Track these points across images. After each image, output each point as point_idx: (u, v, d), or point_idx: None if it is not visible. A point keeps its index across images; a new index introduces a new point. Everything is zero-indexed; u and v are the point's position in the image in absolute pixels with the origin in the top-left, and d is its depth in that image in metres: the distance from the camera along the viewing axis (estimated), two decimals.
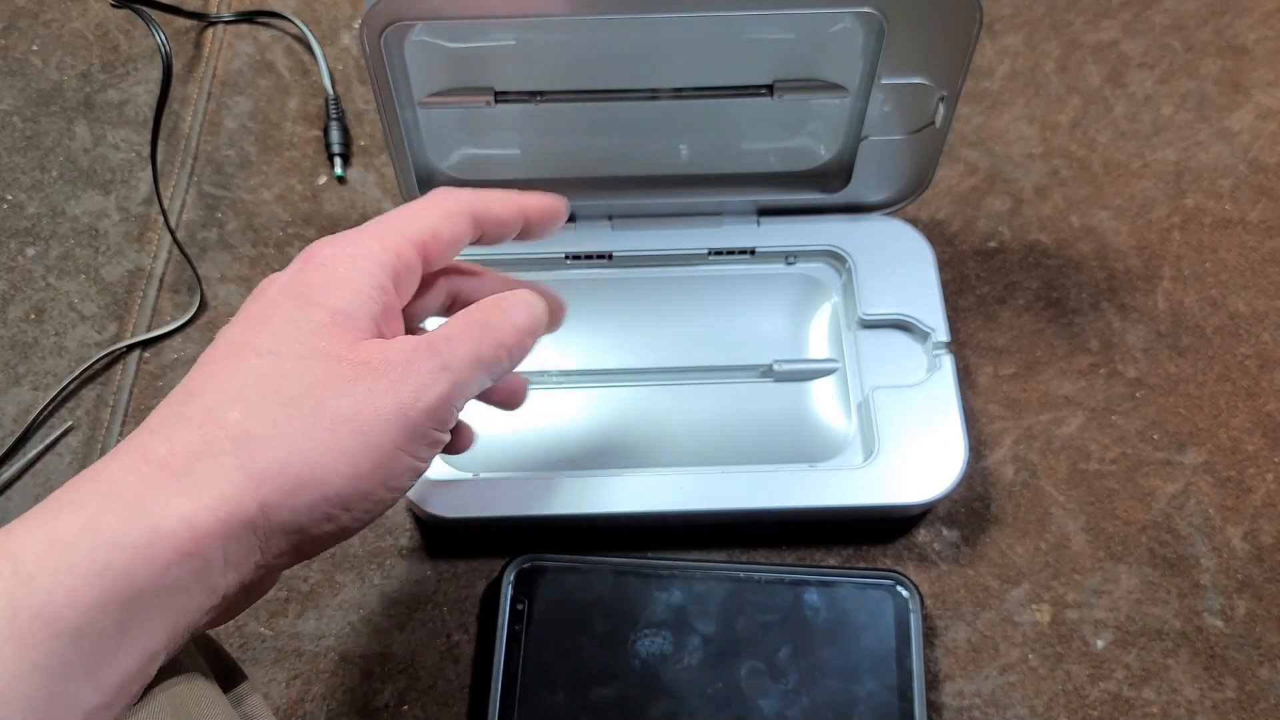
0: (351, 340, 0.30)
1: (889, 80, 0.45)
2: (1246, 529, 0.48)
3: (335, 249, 0.32)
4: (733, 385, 0.51)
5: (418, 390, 0.30)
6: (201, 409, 0.28)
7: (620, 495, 0.45)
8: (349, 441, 0.29)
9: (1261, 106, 0.58)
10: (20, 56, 0.60)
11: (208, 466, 0.27)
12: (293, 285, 0.31)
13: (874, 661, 0.43)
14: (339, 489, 0.29)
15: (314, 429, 0.28)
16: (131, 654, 0.25)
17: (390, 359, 0.30)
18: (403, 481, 0.30)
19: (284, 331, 0.30)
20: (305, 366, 0.29)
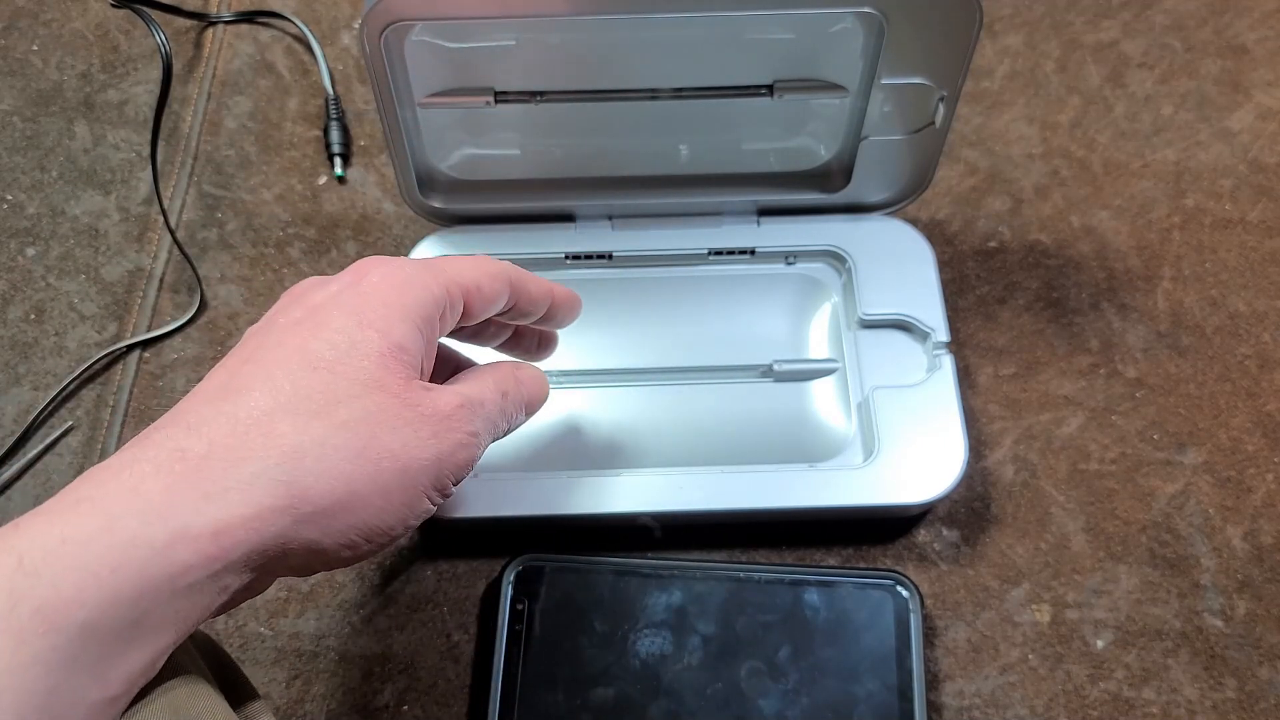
0: (405, 377, 0.31)
1: (889, 80, 0.45)
2: (1246, 529, 0.48)
3: (390, 270, 0.32)
4: (733, 385, 0.51)
5: (455, 447, 0.32)
6: (249, 412, 0.28)
7: (620, 495, 0.45)
8: (389, 479, 0.30)
9: (1261, 106, 0.58)
10: (20, 56, 0.60)
11: (250, 475, 0.27)
12: (348, 299, 0.31)
13: (874, 661, 0.43)
14: (369, 519, 0.29)
15: (362, 459, 0.29)
16: (140, 652, 0.25)
17: (438, 410, 0.31)
18: (417, 521, 0.32)
19: (341, 348, 0.30)
20: (360, 394, 0.30)
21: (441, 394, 0.32)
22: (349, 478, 0.29)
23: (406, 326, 0.31)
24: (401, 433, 0.30)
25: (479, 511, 0.45)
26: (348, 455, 0.29)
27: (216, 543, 0.26)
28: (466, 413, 0.32)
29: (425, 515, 0.32)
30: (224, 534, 0.26)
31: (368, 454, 0.29)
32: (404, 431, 0.30)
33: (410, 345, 0.31)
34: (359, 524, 0.29)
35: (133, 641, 0.25)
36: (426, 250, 0.50)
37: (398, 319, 0.31)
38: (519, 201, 0.51)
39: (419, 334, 0.32)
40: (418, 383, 0.31)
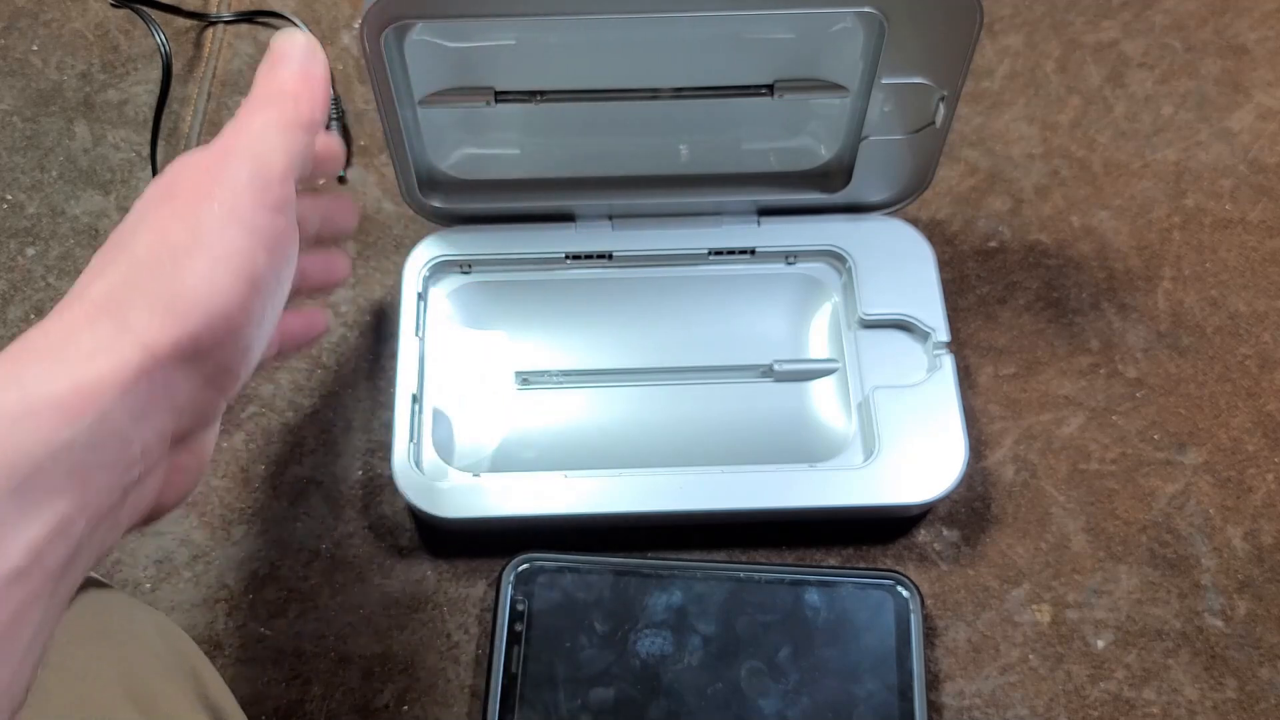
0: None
1: (889, 80, 0.45)
2: (1246, 529, 0.48)
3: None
4: (733, 385, 0.51)
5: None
6: (106, 276, 0.29)
7: (620, 495, 0.45)
8: (198, 256, 0.30)
9: (1261, 106, 0.58)
10: (20, 56, 0.60)
11: (106, 331, 0.28)
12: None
13: (874, 661, 0.43)
14: (213, 305, 0.29)
15: (167, 241, 0.30)
16: (36, 521, 0.25)
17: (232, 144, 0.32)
18: (268, 279, 0.31)
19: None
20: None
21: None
22: (169, 277, 0.29)
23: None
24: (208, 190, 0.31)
25: (479, 511, 0.45)
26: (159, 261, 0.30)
27: (77, 397, 0.26)
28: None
29: (269, 247, 0.31)
30: (83, 389, 0.26)
31: (183, 244, 0.30)
32: (210, 185, 0.31)
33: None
34: (199, 300, 0.29)
35: (24, 510, 0.25)
36: (427, 250, 0.50)
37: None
38: (519, 201, 0.51)
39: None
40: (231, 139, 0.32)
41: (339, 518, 0.48)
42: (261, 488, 0.49)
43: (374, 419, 0.50)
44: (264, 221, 0.31)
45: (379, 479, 0.49)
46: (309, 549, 0.48)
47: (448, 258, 0.50)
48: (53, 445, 0.25)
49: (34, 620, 0.26)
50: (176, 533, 0.48)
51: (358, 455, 0.50)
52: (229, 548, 0.48)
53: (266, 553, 0.48)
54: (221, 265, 0.30)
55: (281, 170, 0.32)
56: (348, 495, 0.49)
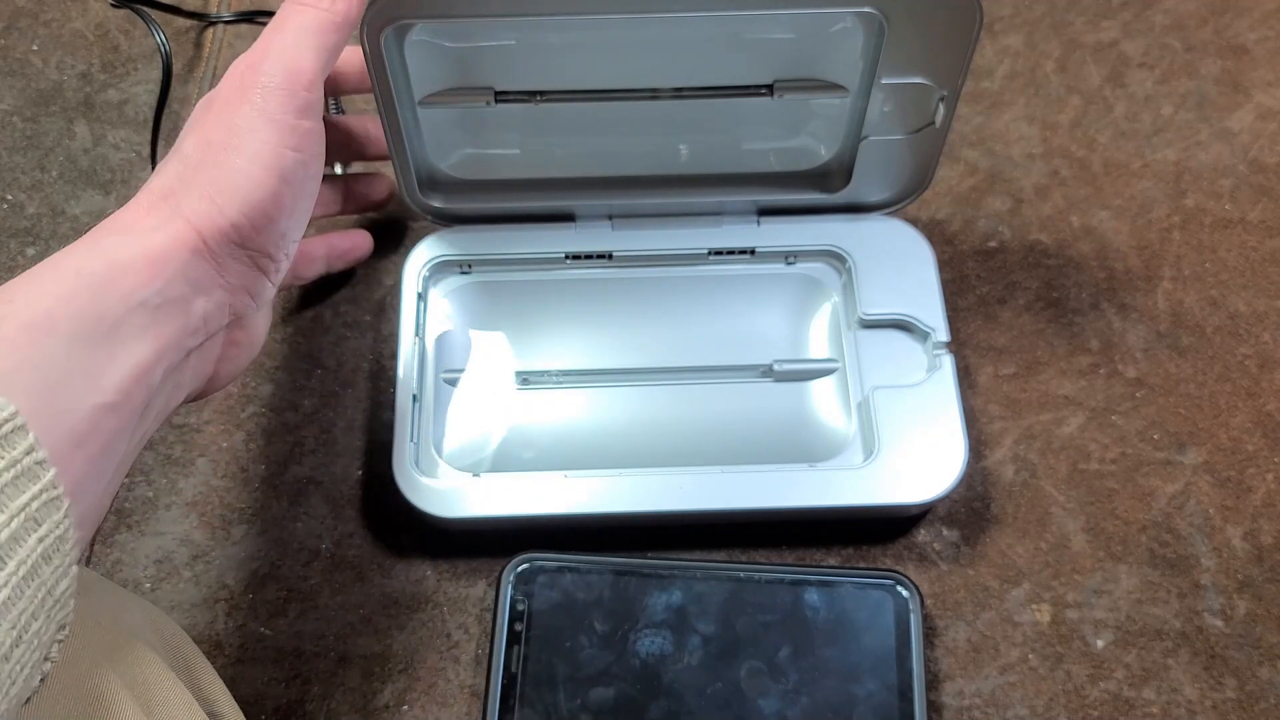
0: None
1: (889, 80, 0.45)
2: (1246, 529, 0.48)
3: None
4: (733, 385, 0.51)
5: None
6: (170, 166, 0.36)
7: (620, 495, 0.45)
8: (236, 153, 0.35)
9: (1261, 106, 0.58)
10: (20, 56, 0.60)
11: (168, 211, 0.34)
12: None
13: (874, 661, 0.43)
14: (250, 195, 0.35)
15: (211, 141, 0.35)
16: (123, 363, 0.31)
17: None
18: (296, 174, 0.36)
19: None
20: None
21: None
22: (215, 173, 0.35)
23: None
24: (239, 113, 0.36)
25: (479, 511, 0.45)
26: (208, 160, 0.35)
27: (147, 262, 0.32)
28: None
29: (298, 156, 0.36)
30: (151, 253, 0.32)
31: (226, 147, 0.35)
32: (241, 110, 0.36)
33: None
34: (240, 186, 0.35)
35: (114, 352, 0.31)
36: (427, 250, 0.50)
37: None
38: (519, 201, 0.51)
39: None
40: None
41: (339, 518, 0.48)
42: (261, 488, 0.49)
43: (374, 419, 0.50)
44: (291, 122, 0.36)
45: (379, 479, 0.49)
46: (309, 549, 0.48)
47: (448, 258, 0.51)
48: (131, 302, 0.31)
49: (120, 450, 0.31)
50: (176, 533, 0.48)
51: (358, 455, 0.50)
52: (229, 548, 0.48)
53: (266, 553, 0.48)
54: (255, 162, 0.35)
55: (310, 74, 0.36)
56: (348, 495, 0.49)
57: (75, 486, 0.28)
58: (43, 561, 0.26)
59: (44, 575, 0.26)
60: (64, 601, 0.28)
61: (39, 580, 0.26)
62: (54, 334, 0.29)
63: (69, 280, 0.31)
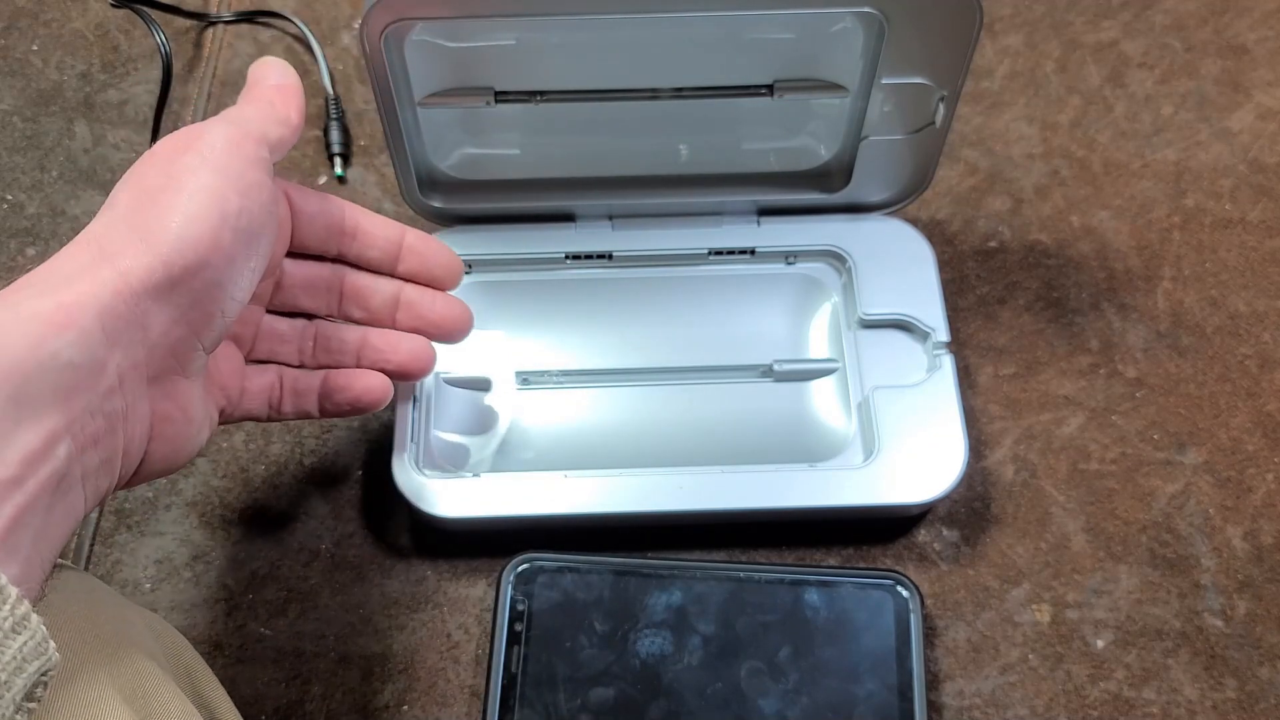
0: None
1: (889, 80, 0.45)
2: (1246, 529, 0.48)
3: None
4: (733, 385, 0.51)
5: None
6: (98, 220, 0.34)
7: (620, 495, 0.45)
8: (174, 194, 0.33)
9: (1261, 106, 0.58)
10: (20, 56, 0.60)
11: (86, 259, 0.31)
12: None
13: (874, 661, 0.43)
14: (182, 231, 0.32)
15: (145, 188, 0.33)
16: (30, 432, 0.28)
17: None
18: (239, 222, 0.33)
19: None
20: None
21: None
22: (143, 218, 0.33)
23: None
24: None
25: (479, 511, 0.45)
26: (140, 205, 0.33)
27: (60, 312, 0.29)
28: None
29: (249, 205, 0.34)
30: (63, 305, 0.29)
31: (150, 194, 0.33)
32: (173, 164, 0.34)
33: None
34: (172, 240, 0.32)
35: (18, 420, 0.27)
36: None
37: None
38: (519, 201, 0.51)
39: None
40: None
41: (339, 518, 0.48)
42: (261, 488, 0.49)
43: (374, 419, 0.50)
44: (236, 167, 0.34)
45: (379, 479, 0.49)
46: (309, 549, 0.48)
47: None
48: (40, 355, 0.28)
49: (32, 527, 0.28)
50: (176, 533, 0.48)
51: (358, 455, 0.50)
52: (229, 548, 0.48)
53: (266, 553, 0.48)
54: (194, 199, 0.32)
55: (258, 133, 0.35)
56: (348, 495, 0.49)
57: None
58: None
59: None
60: (29, 661, 0.26)
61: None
62: None
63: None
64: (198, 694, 0.35)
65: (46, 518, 0.28)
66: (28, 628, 0.26)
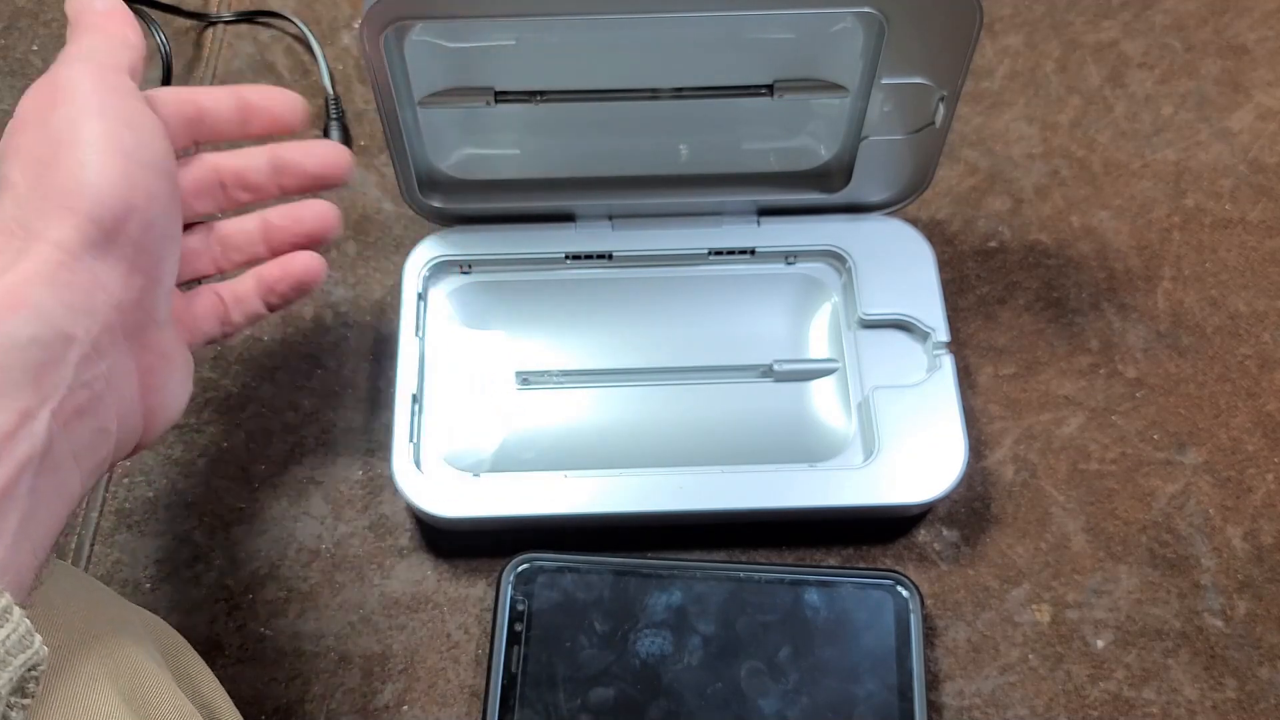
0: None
1: (889, 80, 0.45)
2: (1246, 529, 0.48)
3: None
4: (733, 385, 0.51)
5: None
6: (16, 185, 0.32)
7: (620, 495, 0.45)
8: (69, 150, 0.32)
9: (1261, 106, 0.58)
10: (20, 56, 0.60)
11: (6, 246, 0.31)
12: None
13: (874, 661, 0.43)
14: (96, 182, 0.31)
15: (35, 157, 0.32)
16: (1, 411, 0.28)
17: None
18: (143, 154, 0.33)
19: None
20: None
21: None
22: (51, 173, 0.32)
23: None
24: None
25: (479, 511, 0.45)
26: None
27: (7, 296, 0.29)
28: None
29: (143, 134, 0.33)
30: (8, 288, 0.29)
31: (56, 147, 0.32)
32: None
33: None
34: (90, 193, 0.31)
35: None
36: (427, 250, 0.50)
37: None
38: (519, 201, 0.51)
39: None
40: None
41: (339, 518, 0.48)
42: (261, 488, 0.49)
43: (374, 419, 0.50)
44: (114, 104, 0.33)
45: (379, 479, 0.49)
46: (309, 549, 0.48)
47: (448, 258, 0.51)
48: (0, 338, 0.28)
49: (15, 510, 0.28)
50: (176, 533, 0.48)
51: (358, 455, 0.50)
52: (229, 548, 0.48)
53: (266, 553, 0.48)
54: (92, 149, 0.32)
55: (114, 64, 0.34)
56: (348, 495, 0.49)
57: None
58: None
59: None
60: (16, 652, 0.26)
61: None
62: None
63: None
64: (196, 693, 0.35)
65: (32, 499, 0.28)
66: (9, 620, 0.26)
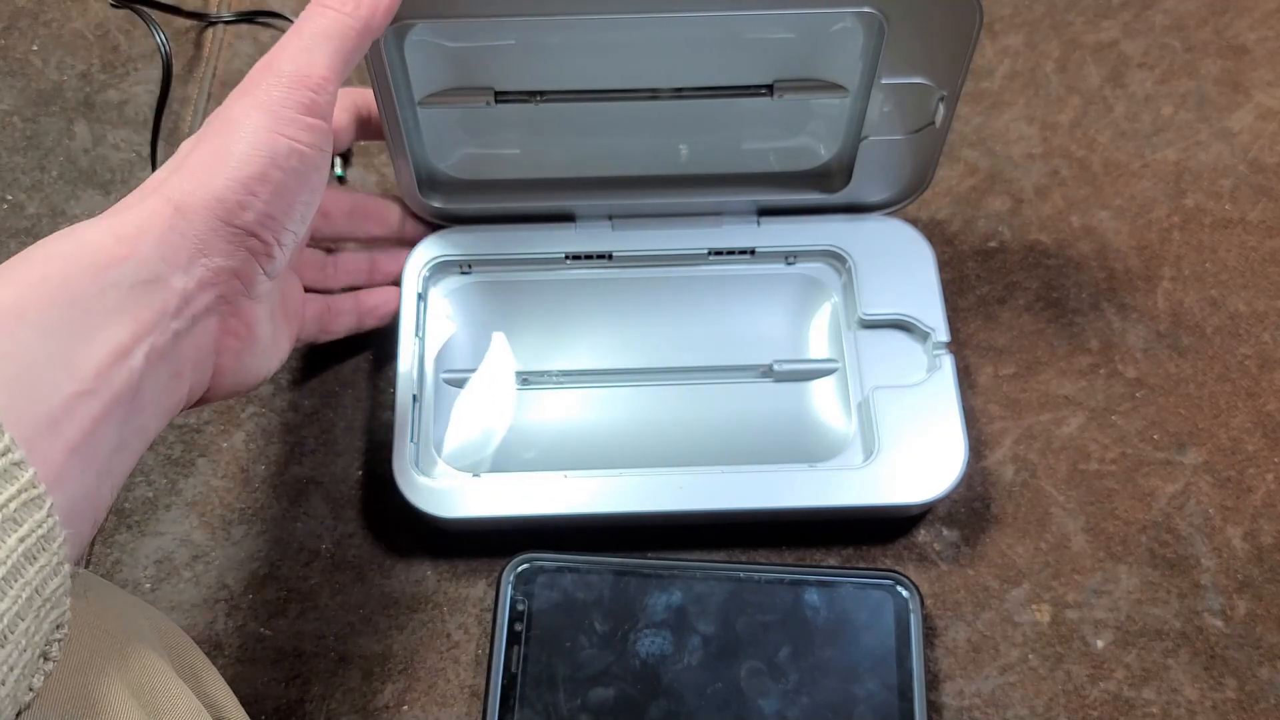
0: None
1: (889, 80, 0.45)
2: (1246, 529, 0.48)
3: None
4: (733, 385, 0.51)
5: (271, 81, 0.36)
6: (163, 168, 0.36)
7: (620, 495, 0.45)
8: (227, 138, 0.35)
9: (1261, 106, 0.58)
10: (20, 56, 0.60)
11: (139, 196, 0.34)
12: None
13: (874, 661, 0.43)
14: (234, 171, 0.34)
15: (205, 136, 0.35)
16: (99, 346, 0.30)
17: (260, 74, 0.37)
18: (289, 161, 0.35)
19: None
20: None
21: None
22: (198, 153, 0.35)
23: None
24: (230, 105, 0.36)
25: (479, 511, 0.45)
26: (197, 142, 0.36)
27: (116, 240, 0.32)
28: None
29: (294, 153, 0.36)
30: (118, 232, 0.32)
31: (209, 131, 0.36)
32: (232, 104, 0.36)
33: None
34: (230, 178, 0.34)
35: (89, 335, 0.30)
36: (427, 250, 0.50)
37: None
38: (519, 201, 0.51)
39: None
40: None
41: (339, 518, 0.48)
42: (261, 488, 0.49)
43: (374, 419, 0.50)
44: (290, 115, 0.35)
45: (379, 479, 0.49)
46: (309, 549, 0.48)
47: (448, 258, 0.51)
48: (101, 281, 0.31)
49: (108, 440, 0.30)
50: (176, 533, 0.48)
51: (358, 455, 0.50)
52: (229, 548, 0.48)
53: (266, 553, 0.48)
54: (244, 141, 0.34)
55: (320, 75, 0.36)
56: (348, 495, 0.49)
57: (57, 479, 0.28)
58: (25, 561, 0.26)
59: (28, 575, 0.26)
60: (57, 600, 0.28)
61: (23, 580, 0.26)
62: (23, 321, 0.29)
63: (39, 265, 0.30)
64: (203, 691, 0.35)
65: (121, 434, 0.31)
66: (41, 508, 0.27)
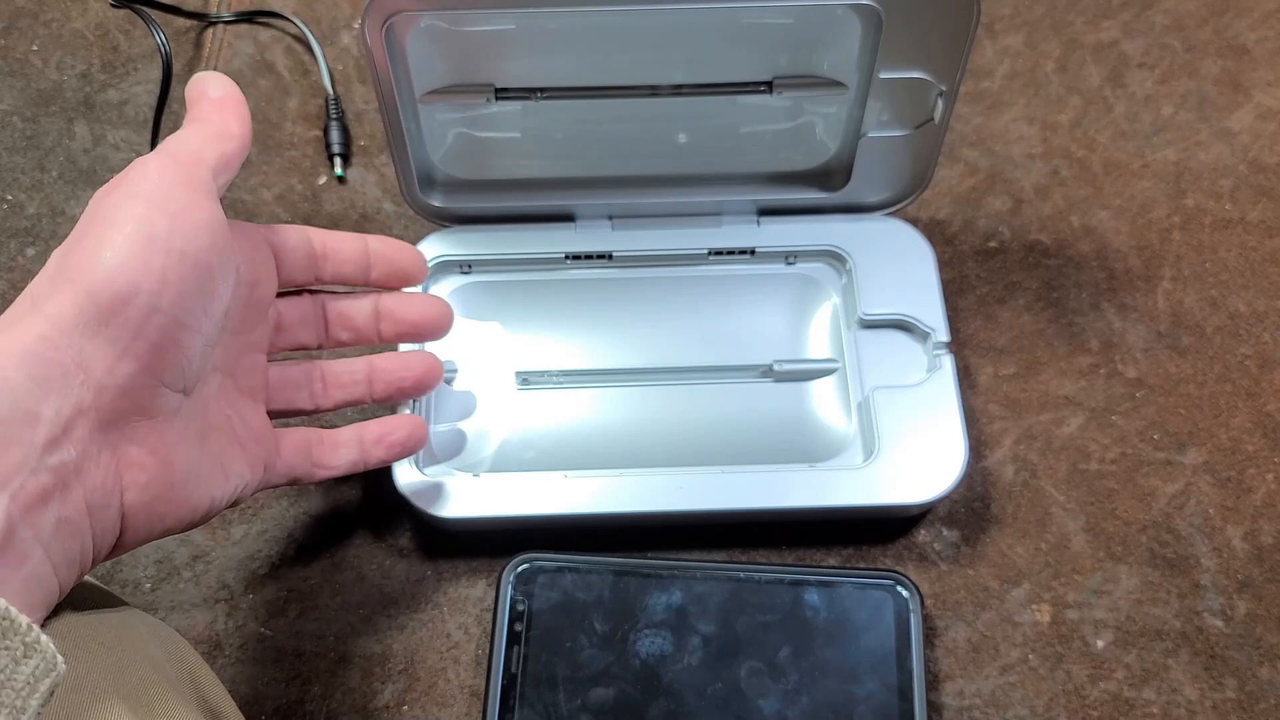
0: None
1: (887, 75, 0.45)
2: (1246, 529, 0.48)
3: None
4: (733, 385, 0.51)
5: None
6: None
7: (620, 495, 0.45)
8: (104, 228, 0.32)
9: (1261, 106, 0.58)
10: (20, 56, 0.60)
11: (12, 314, 0.30)
12: None
13: (874, 661, 0.43)
14: (109, 261, 0.31)
15: (76, 234, 0.32)
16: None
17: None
18: (175, 243, 0.32)
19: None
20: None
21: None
22: (72, 254, 0.32)
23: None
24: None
25: (479, 511, 0.45)
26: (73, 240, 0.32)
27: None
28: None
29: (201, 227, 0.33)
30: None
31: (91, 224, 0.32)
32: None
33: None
34: (102, 274, 0.31)
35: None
36: (427, 250, 0.50)
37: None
38: (519, 201, 0.51)
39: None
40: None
41: (339, 518, 0.48)
42: None
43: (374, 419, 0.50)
44: (164, 190, 0.32)
45: (379, 479, 0.49)
46: (309, 549, 0.48)
47: (448, 258, 0.51)
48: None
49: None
50: None
51: None
52: (229, 548, 0.48)
53: (266, 553, 0.48)
54: (117, 229, 0.31)
55: (190, 155, 0.34)
56: (348, 495, 0.49)
57: None
58: None
59: None
60: (32, 686, 0.26)
61: None
62: None
63: None
64: (203, 699, 0.35)
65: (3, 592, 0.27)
66: (38, 651, 0.26)
